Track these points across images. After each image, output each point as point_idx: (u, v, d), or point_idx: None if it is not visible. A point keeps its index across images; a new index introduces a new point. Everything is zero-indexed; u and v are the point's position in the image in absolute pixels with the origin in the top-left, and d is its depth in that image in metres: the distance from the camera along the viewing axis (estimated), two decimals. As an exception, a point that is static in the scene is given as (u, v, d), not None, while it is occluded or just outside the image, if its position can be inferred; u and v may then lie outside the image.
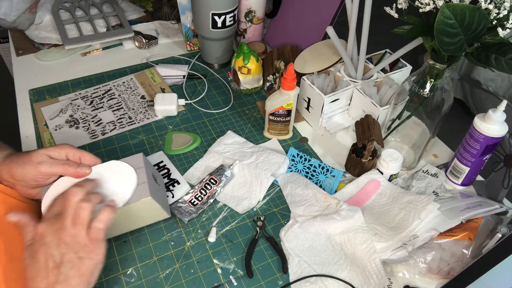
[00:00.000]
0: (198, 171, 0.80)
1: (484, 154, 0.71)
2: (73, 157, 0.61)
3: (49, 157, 0.60)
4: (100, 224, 0.54)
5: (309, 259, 0.67)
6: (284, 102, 0.80)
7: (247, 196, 0.76)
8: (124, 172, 0.62)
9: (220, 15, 0.93)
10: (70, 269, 0.51)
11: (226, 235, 0.71)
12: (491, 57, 0.59)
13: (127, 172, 0.62)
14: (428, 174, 0.80)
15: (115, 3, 1.20)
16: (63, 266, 0.51)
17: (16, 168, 0.59)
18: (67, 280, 0.51)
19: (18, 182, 0.60)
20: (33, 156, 0.59)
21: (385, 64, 0.87)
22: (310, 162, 0.82)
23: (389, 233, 0.67)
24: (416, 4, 0.63)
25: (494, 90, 1.90)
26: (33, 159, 0.58)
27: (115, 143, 0.85)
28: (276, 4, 1.11)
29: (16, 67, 1.04)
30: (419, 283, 0.65)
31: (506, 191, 0.72)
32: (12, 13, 1.15)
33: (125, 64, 1.06)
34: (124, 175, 0.61)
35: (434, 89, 0.69)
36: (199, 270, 0.66)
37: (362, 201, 0.75)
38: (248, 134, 0.89)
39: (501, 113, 0.67)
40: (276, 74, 0.96)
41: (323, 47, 0.95)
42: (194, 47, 1.12)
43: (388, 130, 0.80)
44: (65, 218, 0.52)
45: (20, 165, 0.59)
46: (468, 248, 0.64)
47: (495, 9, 0.57)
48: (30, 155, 0.59)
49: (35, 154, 0.59)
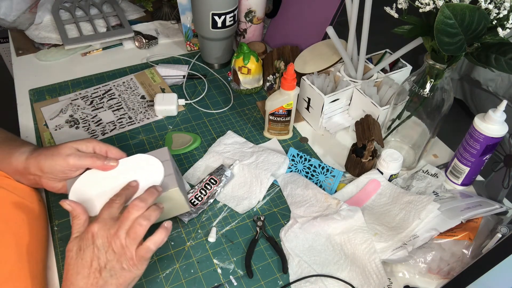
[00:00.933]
0: (198, 171, 0.80)
1: (484, 154, 0.71)
2: (100, 150, 0.62)
3: (77, 150, 0.62)
4: (152, 246, 0.54)
5: (309, 259, 0.67)
6: (284, 102, 0.80)
7: (247, 196, 0.76)
8: (150, 165, 0.62)
9: (220, 15, 0.93)
10: (110, 276, 0.52)
11: (226, 235, 0.71)
12: (491, 57, 0.59)
13: (154, 165, 0.62)
14: (428, 174, 0.80)
15: (115, 3, 1.20)
16: (105, 271, 0.51)
17: (44, 160, 0.60)
18: (105, 286, 0.51)
19: (45, 174, 0.62)
20: (61, 148, 0.61)
21: (385, 64, 0.87)
22: (310, 162, 0.82)
23: (389, 233, 0.67)
24: (416, 4, 0.63)
25: (494, 90, 1.90)
26: (62, 152, 0.60)
27: (115, 143, 0.85)
28: (276, 4, 1.11)
29: (16, 67, 1.04)
30: (419, 283, 0.65)
31: (506, 191, 0.72)
32: (12, 13, 1.15)
33: (125, 64, 1.06)
34: (151, 168, 0.62)
35: (434, 89, 0.69)
36: (199, 270, 0.66)
37: (362, 201, 0.75)
38: (248, 134, 0.89)
39: (501, 113, 0.67)
40: (276, 74, 0.96)
41: (323, 47, 0.95)
42: (194, 47, 1.12)
43: (388, 130, 0.80)
44: (121, 228, 0.52)
45: (49, 157, 0.60)
46: (468, 248, 0.64)
47: (495, 9, 0.57)
48: (58, 148, 0.61)
49: (63, 147, 0.61)
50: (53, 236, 0.69)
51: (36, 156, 0.61)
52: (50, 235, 0.69)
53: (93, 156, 0.61)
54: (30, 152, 0.63)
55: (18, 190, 0.64)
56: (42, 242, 0.65)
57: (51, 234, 0.69)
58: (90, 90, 0.97)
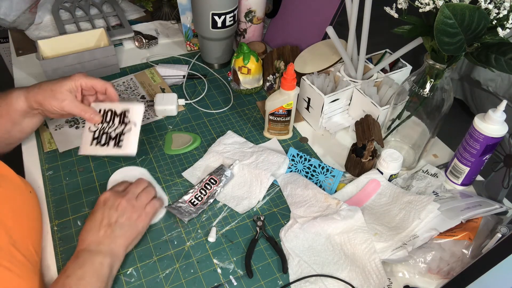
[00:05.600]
0: (198, 171, 0.80)
1: (484, 154, 0.71)
2: (86, 86, 0.73)
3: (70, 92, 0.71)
4: (157, 203, 0.69)
5: (309, 259, 0.67)
6: (284, 102, 0.80)
7: (247, 196, 0.76)
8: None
9: (220, 15, 0.93)
10: (120, 229, 0.63)
11: (226, 235, 0.71)
12: (491, 57, 0.59)
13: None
14: (428, 174, 0.80)
15: (115, 3, 1.20)
16: (115, 225, 0.63)
17: (43, 99, 0.70)
18: (114, 237, 0.62)
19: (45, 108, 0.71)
20: (57, 92, 0.70)
21: (385, 64, 0.87)
22: (310, 162, 0.82)
23: (389, 233, 0.67)
24: (416, 4, 0.63)
25: (494, 90, 1.90)
26: (58, 96, 0.70)
27: (115, 143, 0.85)
28: (276, 4, 1.11)
29: (16, 67, 1.04)
30: (419, 283, 0.65)
31: (506, 191, 0.72)
32: (12, 13, 1.14)
33: (125, 64, 1.06)
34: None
35: (434, 89, 0.69)
36: (199, 270, 0.66)
37: (362, 201, 0.75)
38: (248, 134, 0.89)
39: (501, 113, 0.67)
40: (276, 74, 0.96)
41: (323, 47, 0.95)
42: (194, 47, 1.12)
43: (388, 130, 0.80)
44: (128, 193, 0.67)
45: (46, 98, 0.70)
46: (468, 248, 0.64)
47: (495, 9, 0.57)
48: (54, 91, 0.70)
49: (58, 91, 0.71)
50: (53, 236, 0.69)
51: (33, 95, 0.70)
52: (50, 235, 0.69)
53: (82, 110, 0.72)
54: (24, 93, 0.70)
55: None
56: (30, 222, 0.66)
57: (51, 234, 0.69)
58: (90, 90, 0.97)
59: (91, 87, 0.74)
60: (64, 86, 0.71)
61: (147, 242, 0.69)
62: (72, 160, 0.81)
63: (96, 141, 0.75)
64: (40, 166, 0.80)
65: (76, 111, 0.72)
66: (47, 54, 0.99)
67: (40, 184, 0.77)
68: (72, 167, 0.80)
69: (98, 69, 0.99)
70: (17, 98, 0.70)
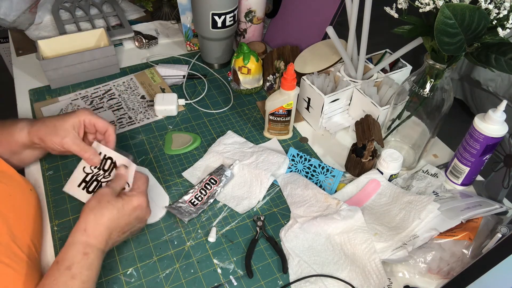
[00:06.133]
0: (198, 171, 0.80)
1: (484, 154, 0.71)
2: (89, 123, 0.71)
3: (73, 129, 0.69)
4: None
5: (309, 259, 0.67)
6: (284, 102, 0.80)
7: (247, 196, 0.76)
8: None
9: (220, 15, 0.93)
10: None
11: (226, 235, 0.71)
12: (491, 57, 0.59)
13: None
14: (428, 174, 0.80)
15: (115, 3, 1.20)
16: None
17: (45, 135, 0.68)
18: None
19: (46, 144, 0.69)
20: (60, 130, 0.68)
21: (385, 64, 0.87)
22: (310, 162, 0.82)
23: (389, 233, 0.67)
24: (416, 4, 0.63)
25: (494, 90, 1.90)
26: (60, 133, 0.68)
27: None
28: (276, 4, 1.11)
29: (16, 67, 1.04)
30: (419, 283, 0.65)
31: (506, 191, 0.72)
32: (12, 13, 1.14)
33: (125, 64, 1.06)
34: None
35: (434, 89, 0.69)
36: (199, 270, 0.66)
37: (362, 201, 0.75)
38: (248, 134, 0.89)
39: (501, 113, 0.67)
40: (276, 74, 0.96)
41: (323, 47, 0.95)
42: (194, 47, 1.12)
43: (388, 130, 0.80)
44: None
45: (48, 134, 0.68)
46: (468, 248, 0.64)
47: (495, 9, 0.57)
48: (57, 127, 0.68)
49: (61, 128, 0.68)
50: (53, 236, 0.69)
51: (36, 130, 0.68)
52: (50, 235, 0.69)
53: (82, 149, 0.69)
54: (28, 127, 0.69)
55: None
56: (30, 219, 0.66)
57: (51, 234, 0.69)
58: (90, 90, 0.97)
59: (93, 125, 0.71)
60: (67, 122, 0.69)
61: (147, 242, 0.69)
62: (72, 160, 0.81)
63: (85, 185, 0.70)
64: (40, 166, 0.80)
65: (76, 150, 0.68)
66: (47, 54, 0.99)
67: (40, 184, 0.77)
68: (72, 167, 0.80)
69: (98, 69, 0.99)
70: (20, 130, 0.69)
